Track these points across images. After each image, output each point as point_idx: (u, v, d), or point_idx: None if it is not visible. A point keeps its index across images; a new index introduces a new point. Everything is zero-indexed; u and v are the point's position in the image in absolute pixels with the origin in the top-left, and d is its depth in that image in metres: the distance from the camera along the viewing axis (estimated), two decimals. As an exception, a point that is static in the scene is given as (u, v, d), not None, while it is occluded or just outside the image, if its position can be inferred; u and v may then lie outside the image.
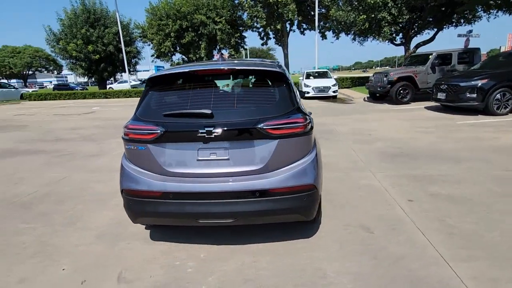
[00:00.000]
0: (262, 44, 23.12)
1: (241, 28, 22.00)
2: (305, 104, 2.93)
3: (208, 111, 2.04)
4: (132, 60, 25.36)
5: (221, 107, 2.17)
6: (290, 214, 2.18)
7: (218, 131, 2.01)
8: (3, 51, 51.73)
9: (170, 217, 2.20)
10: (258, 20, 18.79)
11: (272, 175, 2.09)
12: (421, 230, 2.52)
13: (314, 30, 20.09)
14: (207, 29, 20.27)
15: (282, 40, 21.84)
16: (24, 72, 52.61)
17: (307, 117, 2.21)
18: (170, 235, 2.60)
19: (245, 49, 25.48)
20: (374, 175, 3.87)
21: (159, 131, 2.07)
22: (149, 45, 22.89)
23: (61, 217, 3.06)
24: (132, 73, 27.75)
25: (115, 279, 2.10)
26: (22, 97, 21.84)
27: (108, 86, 27.66)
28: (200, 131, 2.01)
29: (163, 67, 28.55)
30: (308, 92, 14.01)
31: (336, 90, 14.17)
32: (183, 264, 2.23)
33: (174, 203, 2.12)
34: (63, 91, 23.26)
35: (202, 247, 2.44)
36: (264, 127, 2.02)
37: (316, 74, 16.17)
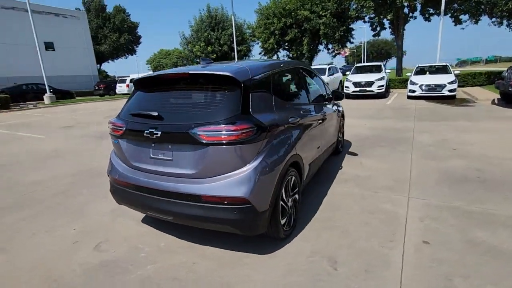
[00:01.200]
0: (374, 36, 20.84)
1: (348, 20, 20.51)
2: (407, 105, 2.63)
3: (155, 113, 2.19)
4: (244, 58, 27.87)
5: (172, 111, 2.27)
6: (222, 225, 2.09)
7: (159, 133, 2.13)
8: (159, 53, 66.63)
9: (133, 206, 2.49)
10: (365, 10, 17.01)
11: (205, 181, 2.06)
12: (403, 285, 1.91)
13: (443, 14, 16.49)
14: (310, 24, 19.96)
15: (397, 30, 19.05)
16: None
17: (253, 125, 2.03)
18: (158, 222, 2.91)
19: (352, 42, 23.66)
20: (409, 200, 3.08)
21: (124, 128, 2.36)
22: (258, 43, 24.60)
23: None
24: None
25: (94, 244, 2.57)
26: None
27: None
28: (145, 131, 2.18)
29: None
30: (413, 91, 11.90)
31: (454, 89, 11.41)
32: (142, 249, 2.48)
33: (134, 194, 2.38)
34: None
35: (170, 238, 2.63)
36: (197, 133, 2.00)
37: (433, 69, 13.46)
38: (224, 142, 1.98)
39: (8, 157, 5.73)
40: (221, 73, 2.16)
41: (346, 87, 13.27)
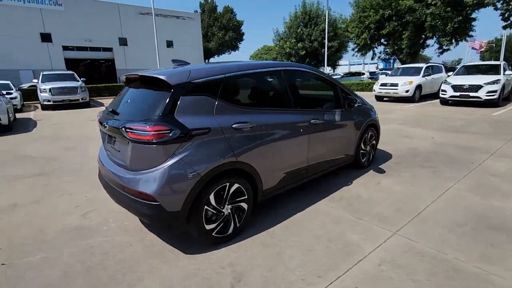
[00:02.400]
0: (505, 27, 16.25)
1: (466, 9, 16.50)
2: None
3: (110, 108, 2.51)
4: (337, 54, 26.47)
5: (126, 107, 2.54)
6: (142, 217, 2.26)
7: (107, 126, 2.44)
8: (262, 49, 70.25)
9: (104, 189, 2.90)
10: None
11: (130, 174, 2.27)
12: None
13: None
14: (413, 16, 17.12)
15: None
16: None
17: (168, 127, 2.10)
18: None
19: (470, 36, 18.89)
20: (391, 237, 2.51)
21: (98, 119, 2.80)
22: (352, 39, 22.84)
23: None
24: (335, 67, 29.02)
25: (85, 211, 3.17)
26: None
27: None
28: (103, 123, 2.54)
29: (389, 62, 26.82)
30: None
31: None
32: (109, 224, 2.91)
33: (102, 179, 2.81)
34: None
35: (135, 220, 2.98)
36: (124, 130, 2.21)
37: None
38: (141, 140, 2.13)
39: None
40: (156, 75, 2.29)
41: (443, 91, 11.05)
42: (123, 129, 2.22)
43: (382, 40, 21.00)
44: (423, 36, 19.23)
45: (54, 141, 6.80)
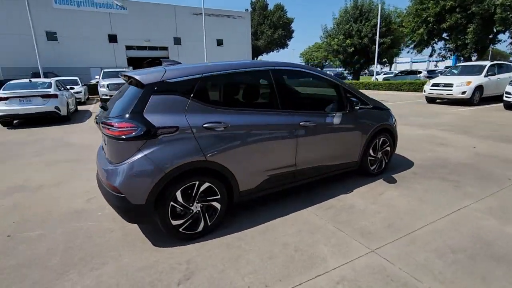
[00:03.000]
0: None
1: None
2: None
3: (100, 104, 2.73)
4: (390, 51, 24.43)
5: (114, 105, 2.71)
6: (114, 209, 2.42)
7: (99, 121, 2.66)
8: (313, 46, 68.65)
9: None
10: None
11: (108, 167, 2.45)
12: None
13: None
14: (481, 7, 14.87)
15: None
16: (322, 63, 66.96)
17: (133, 124, 2.21)
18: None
19: None
20: (365, 255, 2.29)
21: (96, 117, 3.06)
22: (407, 34, 20.83)
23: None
24: (386, 64, 26.90)
25: (90, 197, 3.52)
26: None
27: (373, 78, 28.93)
28: (96, 119, 2.77)
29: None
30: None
31: None
32: (103, 209, 3.18)
33: (97, 176, 3.06)
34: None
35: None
36: (101, 125, 2.39)
37: None
38: (112, 136, 2.29)
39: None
40: (133, 75, 2.43)
41: (507, 93, 9.52)
42: (101, 124, 2.40)
43: (445, 35, 18.73)
44: (493, 30, 16.66)
45: (97, 131, 7.62)
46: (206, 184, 2.52)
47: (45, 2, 26.29)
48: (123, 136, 2.23)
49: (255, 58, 46.60)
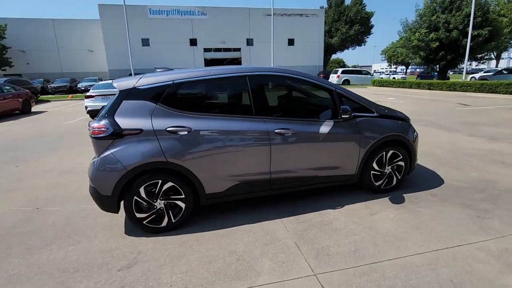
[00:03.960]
0: None
1: None
2: None
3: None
4: (487, 45, 20.15)
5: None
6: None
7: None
8: (397, 42, 62.16)
9: None
10: None
11: (91, 160, 2.86)
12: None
13: None
14: None
15: None
16: (406, 61, 60.12)
17: (103, 126, 2.54)
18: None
19: None
20: (304, 278, 2.12)
21: None
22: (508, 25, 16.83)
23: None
24: (483, 61, 22.33)
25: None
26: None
27: (470, 77, 24.66)
28: None
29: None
30: None
31: None
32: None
33: None
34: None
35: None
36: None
37: None
38: (90, 134, 2.67)
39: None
40: (113, 82, 2.76)
41: None
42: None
43: None
44: None
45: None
46: (170, 184, 2.70)
47: (142, 14, 30.76)
48: (95, 136, 2.58)
49: (328, 56, 44.91)
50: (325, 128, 3.06)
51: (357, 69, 32.61)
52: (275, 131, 2.89)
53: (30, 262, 2.41)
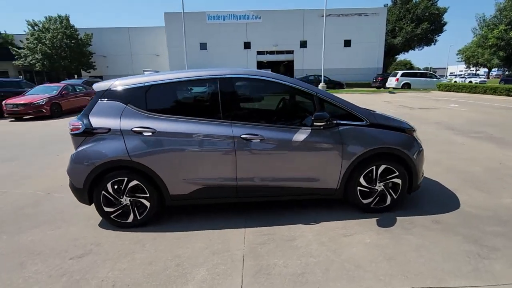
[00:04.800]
0: None
1: None
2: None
3: None
4: None
5: None
6: None
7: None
8: (475, 43, 54.33)
9: None
10: None
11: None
12: None
13: None
14: None
15: None
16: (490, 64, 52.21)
17: (78, 124, 2.76)
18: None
19: None
20: (227, 293, 1.97)
21: None
22: None
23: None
24: None
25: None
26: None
27: None
28: None
29: None
30: None
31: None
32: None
33: None
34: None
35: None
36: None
37: None
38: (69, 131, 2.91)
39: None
40: (93, 84, 2.97)
41: None
42: None
43: None
44: None
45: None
46: (135, 182, 2.80)
47: (201, 20, 32.77)
48: (72, 132, 2.82)
49: (390, 58, 41.54)
50: (300, 136, 2.82)
51: (420, 71, 29.47)
52: (241, 136, 2.77)
53: (12, 240, 2.74)
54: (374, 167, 2.95)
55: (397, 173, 2.99)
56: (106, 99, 2.83)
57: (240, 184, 2.87)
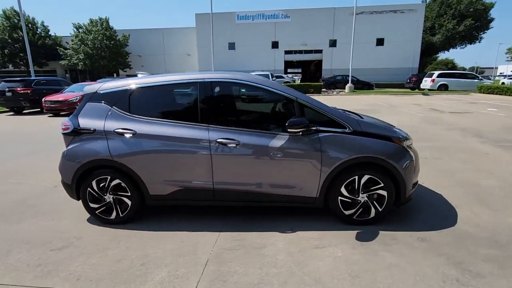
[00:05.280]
0: None
1: None
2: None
3: None
4: None
5: None
6: None
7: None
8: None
9: None
10: None
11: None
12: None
13: None
14: None
15: None
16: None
17: (68, 124, 2.94)
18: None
19: None
20: (178, 297, 1.99)
21: None
22: None
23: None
24: None
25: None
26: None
27: None
28: None
29: None
30: None
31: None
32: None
33: None
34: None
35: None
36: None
37: None
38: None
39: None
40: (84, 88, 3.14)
41: None
42: None
43: None
44: None
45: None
46: (117, 181, 2.93)
47: (230, 20, 33.26)
48: (63, 131, 3.01)
49: (428, 57, 38.99)
50: (277, 142, 2.76)
51: (460, 71, 27.34)
52: (218, 140, 2.77)
53: (9, 229, 3.00)
54: (356, 177, 2.80)
55: (382, 184, 2.81)
56: (94, 101, 2.99)
57: (216, 188, 2.88)
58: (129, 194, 2.96)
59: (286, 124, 2.67)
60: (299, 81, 35.17)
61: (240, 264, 2.36)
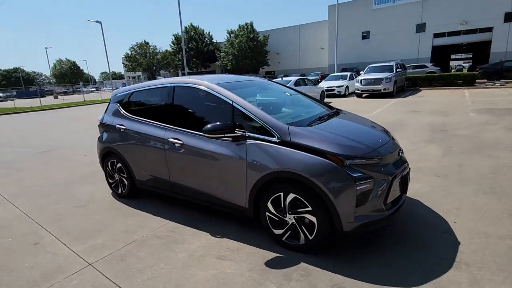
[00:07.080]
0: None
1: None
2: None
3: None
4: None
5: None
6: None
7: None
8: None
9: None
10: None
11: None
12: None
13: None
14: None
15: None
16: None
17: (100, 119, 4.03)
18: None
19: None
20: None
21: None
22: None
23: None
24: None
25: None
26: None
27: None
28: None
29: None
30: None
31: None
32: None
33: None
34: None
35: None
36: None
37: None
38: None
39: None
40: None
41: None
42: None
43: None
44: None
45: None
46: (119, 165, 3.80)
47: (365, 7, 30.43)
48: (99, 123, 4.14)
49: None
50: (209, 145, 2.78)
51: None
52: (169, 139, 3.09)
53: (47, 212, 4.34)
54: (282, 194, 2.44)
55: (310, 208, 2.31)
56: (114, 102, 3.95)
57: (172, 181, 3.23)
58: (125, 175, 3.77)
59: (230, 130, 2.61)
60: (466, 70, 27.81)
61: (146, 251, 2.65)
